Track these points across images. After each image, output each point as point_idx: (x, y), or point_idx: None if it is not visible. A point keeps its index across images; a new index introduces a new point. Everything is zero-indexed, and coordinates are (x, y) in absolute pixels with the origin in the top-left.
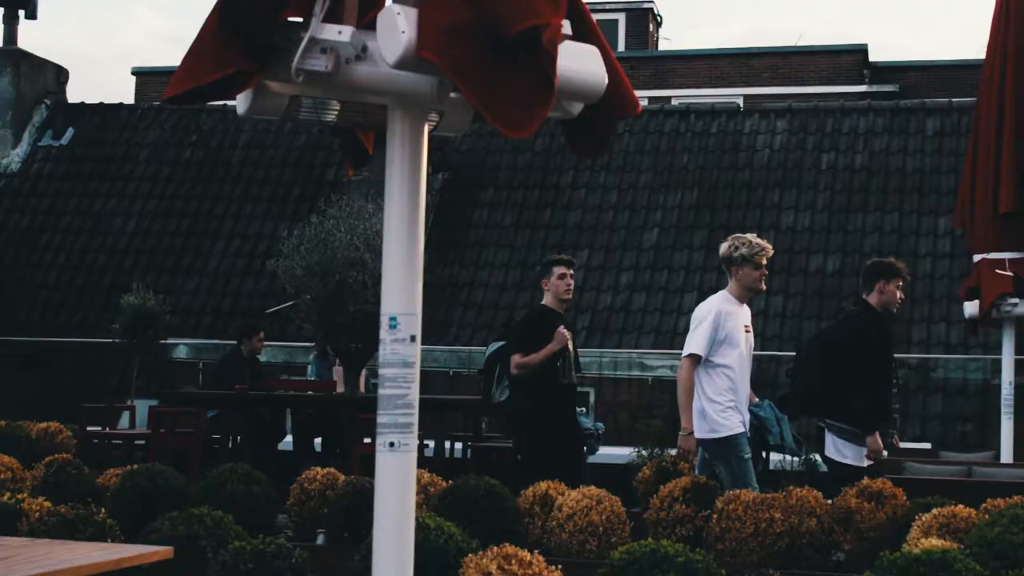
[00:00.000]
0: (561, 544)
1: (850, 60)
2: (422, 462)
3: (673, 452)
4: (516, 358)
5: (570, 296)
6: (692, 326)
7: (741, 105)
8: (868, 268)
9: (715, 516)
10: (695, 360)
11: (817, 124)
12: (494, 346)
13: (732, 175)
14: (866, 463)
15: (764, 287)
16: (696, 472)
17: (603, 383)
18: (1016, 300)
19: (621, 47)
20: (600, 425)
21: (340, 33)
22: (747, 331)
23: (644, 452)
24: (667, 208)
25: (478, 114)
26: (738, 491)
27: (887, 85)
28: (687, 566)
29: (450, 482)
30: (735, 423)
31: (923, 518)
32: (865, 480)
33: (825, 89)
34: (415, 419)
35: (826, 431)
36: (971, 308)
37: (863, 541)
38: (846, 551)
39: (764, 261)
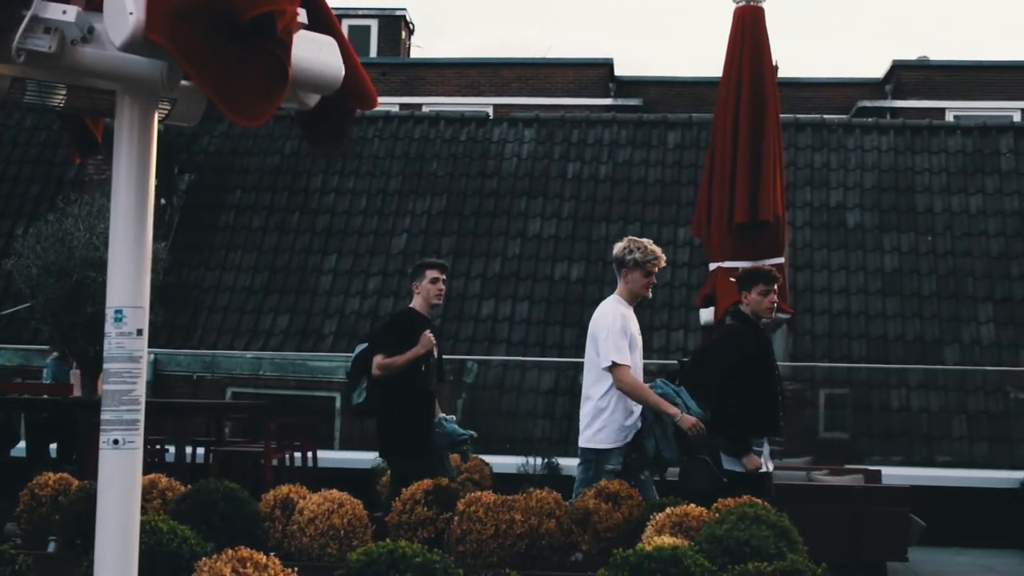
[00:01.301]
0: (302, 547)
1: (596, 73)
2: (162, 467)
3: None
4: (378, 359)
5: (440, 301)
6: (600, 335)
7: (490, 114)
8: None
9: (456, 518)
10: (626, 368)
11: (564, 134)
12: (360, 348)
13: (480, 182)
14: (763, 468)
15: (650, 294)
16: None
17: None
18: None
19: (373, 53)
20: (472, 432)
21: (65, 12)
22: (638, 333)
23: None
24: (416, 214)
25: (212, 103)
26: (479, 493)
27: (631, 99)
28: (424, 566)
29: (189, 487)
30: (617, 435)
31: (657, 517)
32: (603, 481)
33: (572, 101)
34: (141, 416)
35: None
36: (707, 315)
37: (601, 541)
38: (584, 551)
39: (655, 269)
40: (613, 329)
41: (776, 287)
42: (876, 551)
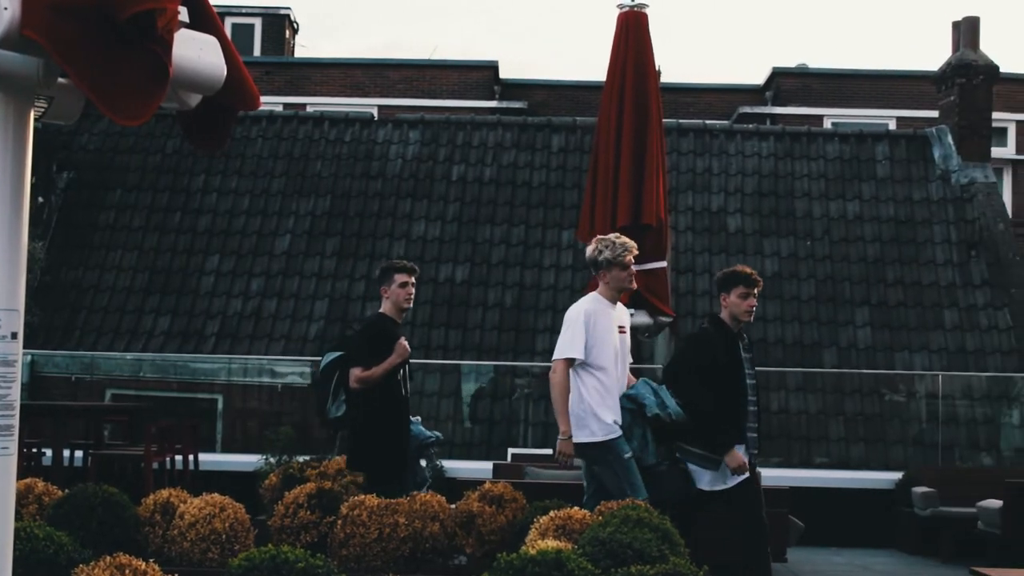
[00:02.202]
0: (183, 553)
1: (481, 76)
2: (39, 471)
3: (301, 459)
4: (356, 372)
5: (410, 306)
6: (563, 329)
7: (375, 115)
8: (717, 280)
9: (340, 522)
10: (569, 363)
11: (448, 136)
12: (330, 356)
13: (365, 183)
14: (722, 486)
15: (634, 285)
16: (584, 482)
17: (232, 389)
18: (632, 310)
19: (257, 52)
20: (437, 434)
21: None
22: (621, 331)
23: (272, 459)
24: (300, 215)
25: (90, 101)
26: (363, 497)
27: (516, 101)
28: (307, 571)
29: (67, 491)
30: (610, 425)
31: (541, 521)
32: (487, 484)
33: (457, 103)
34: (16, 421)
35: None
36: None
37: (485, 544)
38: (468, 554)
39: (630, 259)
40: (575, 324)
41: (757, 290)
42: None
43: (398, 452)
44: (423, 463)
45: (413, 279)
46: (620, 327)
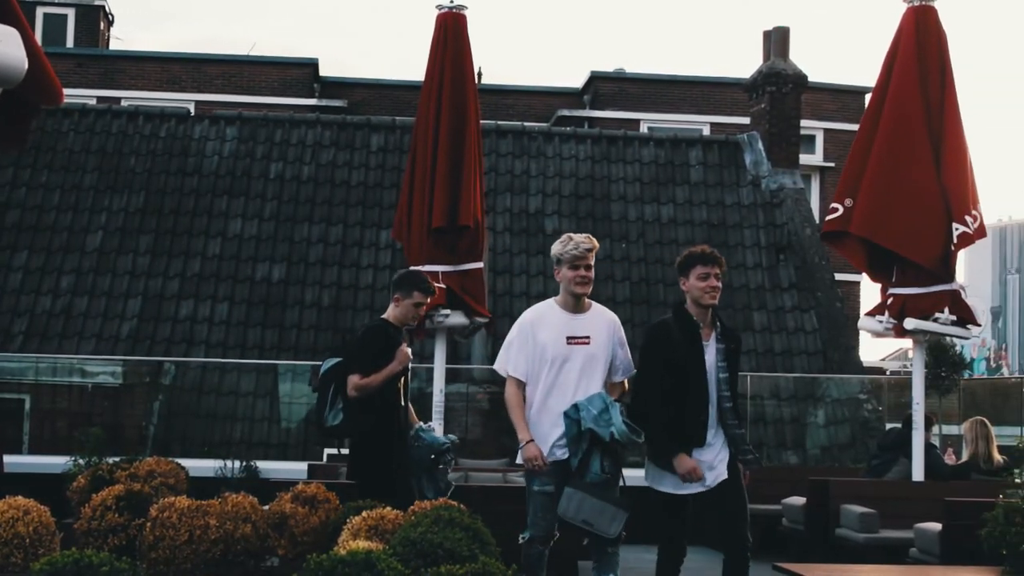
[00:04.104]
0: None
1: (301, 73)
2: None
3: (111, 460)
4: (354, 379)
5: (415, 325)
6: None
7: (192, 110)
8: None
9: (149, 524)
10: (509, 380)
11: (267, 134)
12: (330, 362)
13: (180, 180)
14: (687, 491)
15: (582, 290)
16: None
17: (40, 389)
18: (447, 311)
19: (70, 43)
20: (452, 437)
21: None
22: (578, 342)
23: (81, 461)
24: (112, 211)
25: None
26: (173, 498)
27: (336, 100)
28: (112, 575)
29: None
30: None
31: (354, 521)
32: (300, 484)
33: (276, 100)
34: None
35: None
36: None
37: (298, 546)
38: (281, 556)
39: (581, 261)
40: (511, 337)
41: (719, 269)
42: (566, 549)
43: (396, 463)
44: (441, 467)
45: (427, 301)
46: (577, 338)
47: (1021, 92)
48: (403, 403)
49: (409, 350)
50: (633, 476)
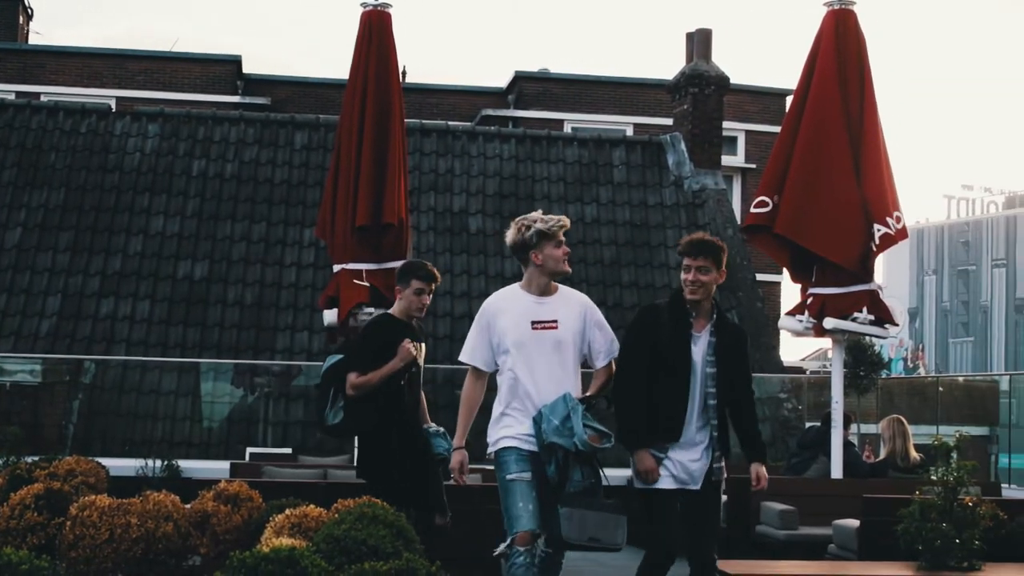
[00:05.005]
0: None
1: (224, 70)
2: None
3: (30, 459)
4: (351, 378)
5: (422, 315)
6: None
7: (113, 106)
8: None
9: (69, 523)
10: (469, 370)
11: (189, 131)
12: (332, 359)
13: (101, 177)
14: (669, 485)
15: (568, 268)
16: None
17: None
18: (372, 309)
19: None
20: (446, 445)
21: None
22: (544, 327)
23: None
24: (32, 207)
25: None
26: (93, 497)
27: (260, 97)
28: (31, 574)
29: None
30: (503, 438)
31: (277, 519)
32: (222, 483)
33: (199, 97)
34: None
35: None
36: (330, 316)
37: (220, 544)
38: (203, 555)
39: (562, 237)
40: (473, 325)
41: (703, 261)
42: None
43: (401, 463)
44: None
45: (432, 287)
46: (544, 323)
47: (944, 95)
48: (414, 397)
49: (412, 345)
50: (616, 476)
